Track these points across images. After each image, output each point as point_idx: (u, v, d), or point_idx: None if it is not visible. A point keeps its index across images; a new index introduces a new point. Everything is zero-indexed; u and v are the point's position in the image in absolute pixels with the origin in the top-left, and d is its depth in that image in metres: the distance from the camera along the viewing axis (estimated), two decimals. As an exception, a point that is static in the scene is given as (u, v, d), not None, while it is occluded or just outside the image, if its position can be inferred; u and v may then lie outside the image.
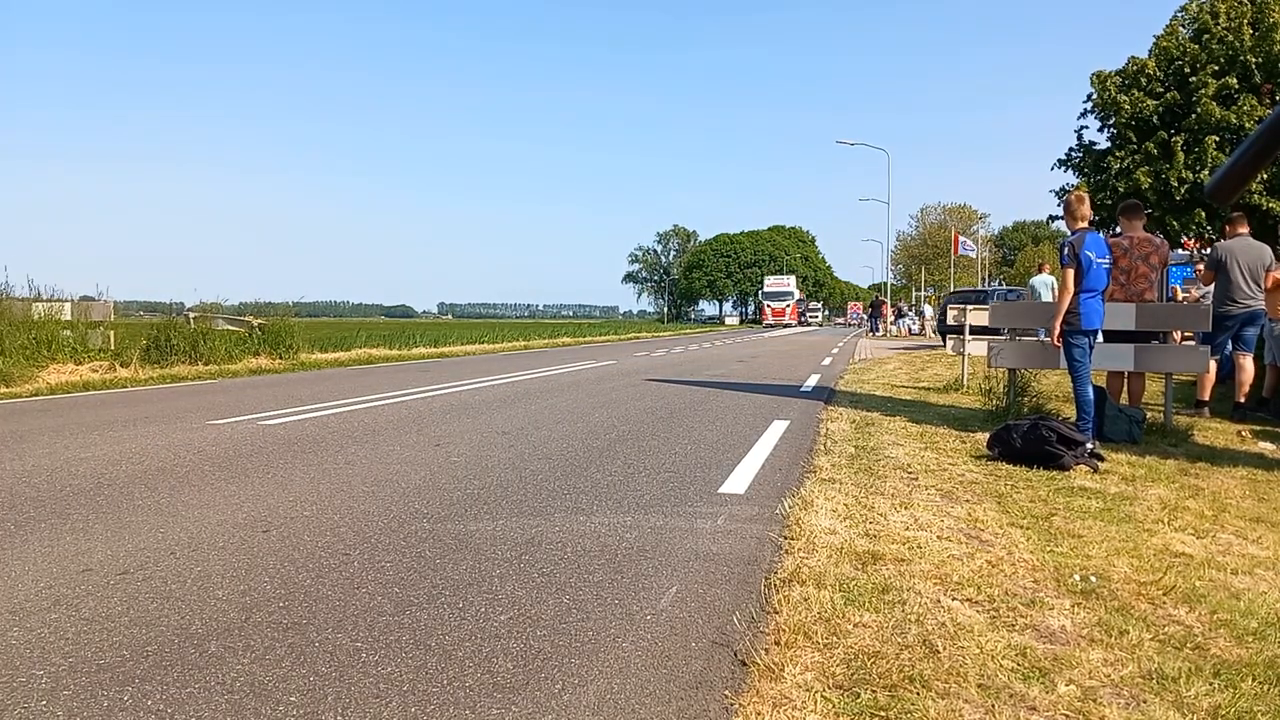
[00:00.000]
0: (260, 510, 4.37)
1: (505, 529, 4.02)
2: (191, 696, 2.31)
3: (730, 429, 7.33)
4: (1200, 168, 22.00)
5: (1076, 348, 6.47)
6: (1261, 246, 8.55)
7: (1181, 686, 2.41)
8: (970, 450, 6.27)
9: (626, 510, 4.40)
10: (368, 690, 2.35)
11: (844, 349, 24.61)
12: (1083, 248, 6.36)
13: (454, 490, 4.86)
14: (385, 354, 20.22)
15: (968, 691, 2.36)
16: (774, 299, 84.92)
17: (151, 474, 5.29)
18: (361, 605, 3.00)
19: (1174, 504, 4.69)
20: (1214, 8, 23.12)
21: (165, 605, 2.99)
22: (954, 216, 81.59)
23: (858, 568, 3.41)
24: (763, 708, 2.26)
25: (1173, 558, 3.67)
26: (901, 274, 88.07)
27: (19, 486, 4.93)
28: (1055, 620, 2.91)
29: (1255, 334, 8.51)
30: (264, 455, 5.96)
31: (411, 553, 3.62)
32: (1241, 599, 3.17)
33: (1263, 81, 22.20)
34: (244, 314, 18.00)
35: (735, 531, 4.01)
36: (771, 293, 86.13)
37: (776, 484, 5.06)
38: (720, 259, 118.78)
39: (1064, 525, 4.16)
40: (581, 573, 3.37)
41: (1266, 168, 3.91)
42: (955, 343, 14.43)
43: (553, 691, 2.34)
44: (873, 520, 4.17)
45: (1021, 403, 7.86)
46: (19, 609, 2.95)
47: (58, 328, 13.52)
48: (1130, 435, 6.74)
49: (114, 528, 4.02)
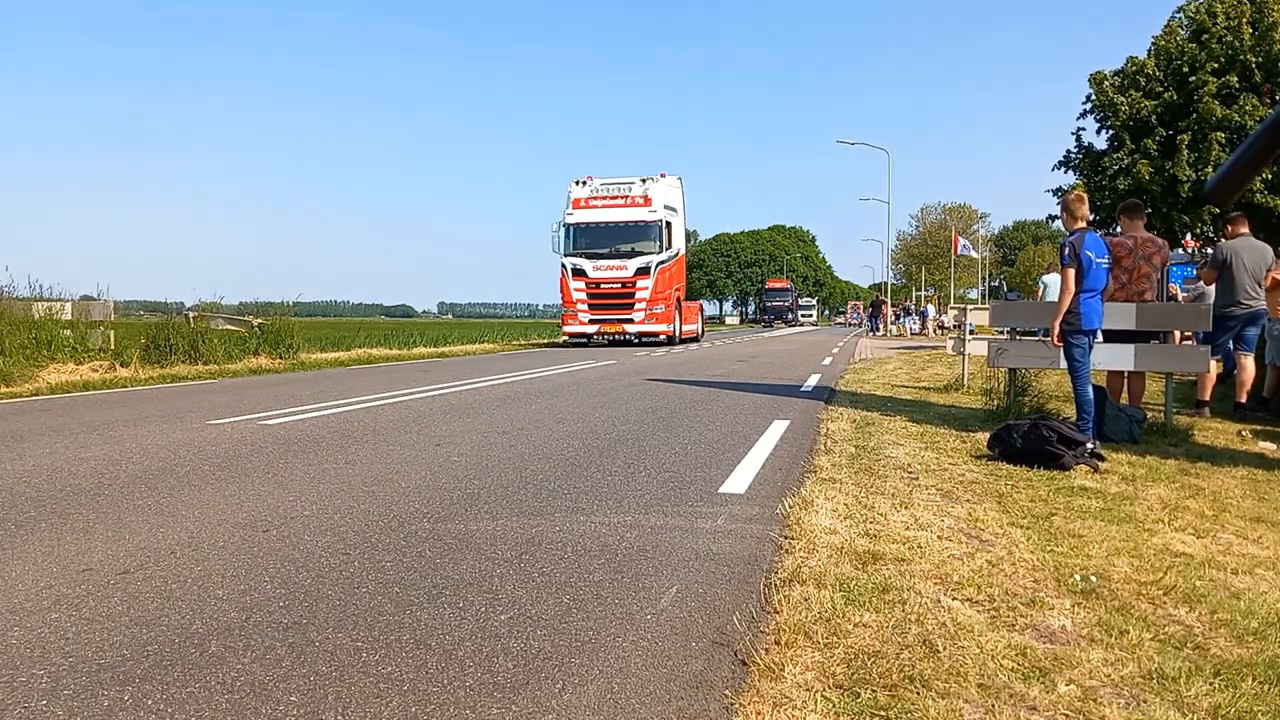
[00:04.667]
0: (260, 510, 4.37)
1: (505, 529, 4.02)
2: (192, 696, 2.31)
3: (730, 429, 7.33)
4: (1204, 165, 21.98)
5: (1076, 348, 6.47)
6: (1263, 246, 8.56)
7: (1182, 686, 2.41)
8: (970, 450, 6.27)
9: (627, 510, 4.40)
10: (368, 690, 2.35)
11: (844, 349, 24.61)
12: (1083, 247, 6.36)
13: (454, 490, 4.86)
14: (385, 354, 20.22)
15: (968, 691, 2.36)
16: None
17: (151, 474, 5.29)
18: (361, 605, 2.99)
19: (1174, 504, 4.68)
20: (1212, 8, 23.11)
21: (165, 605, 2.99)
22: (954, 216, 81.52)
23: (858, 567, 3.41)
24: (763, 707, 2.26)
25: (1173, 557, 3.67)
26: (902, 274, 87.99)
27: (19, 486, 4.93)
28: (1055, 620, 2.91)
29: (1256, 334, 8.52)
30: (264, 455, 5.96)
31: (412, 552, 3.62)
32: (1242, 599, 3.17)
33: (1263, 81, 22.18)
34: (244, 314, 18.00)
35: (735, 531, 4.01)
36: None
37: (777, 484, 5.06)
38: (720, 259, 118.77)
39: (1064, 525, 4.16)
40: (582, 572, 3.37)
41: (1267, 167, 3.94)
42: (955, 342, 14.43)
43: (553, 691, 2.34)
44: (873, 520, 4.17)
45: (1022, 403, 7.86)
46: (19, 609, 2.95)
47: (58, 327, 13.51)
48: (1130, 435, 6.74)
49: (114, 527, 4.02)
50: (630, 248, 24.60)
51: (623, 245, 24.66)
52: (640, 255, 24.38)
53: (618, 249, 24.67)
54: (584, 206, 25.09)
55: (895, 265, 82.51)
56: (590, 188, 25.15)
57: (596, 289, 24.67)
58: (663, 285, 24.70)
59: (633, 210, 24.79)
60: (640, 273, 24.30)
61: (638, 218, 24.65)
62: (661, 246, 24.55)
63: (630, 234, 24.73)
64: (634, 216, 24.71)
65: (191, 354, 14.64)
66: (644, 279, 24.34)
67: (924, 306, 51.96)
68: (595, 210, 24.95)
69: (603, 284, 24.60)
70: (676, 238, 25.94)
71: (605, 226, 24.77)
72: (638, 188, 24.89)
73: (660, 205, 24.74)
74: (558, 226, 24.88)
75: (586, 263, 24.61)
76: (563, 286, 25.10)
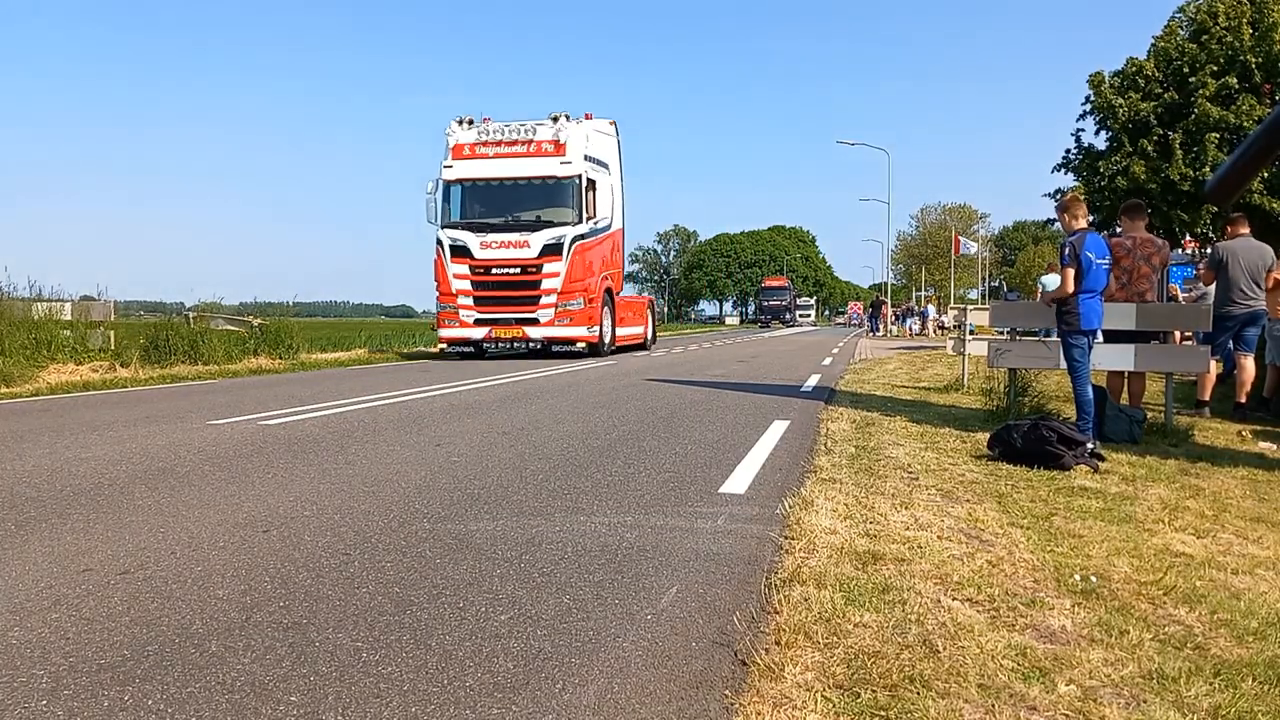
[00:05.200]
0: (260, 510, 4.37)
1: (506, 529, 4.02)
2: (192, 696, 2.31)
3: (731, 429, 7.33)
4: (1201, 165, 22.01)
5: (1076, 348, 6.47)
6: (1262, 247, 8.56)
7: (1182, 686, 2.41)
8: (971, 450, 6.27)
9: (627, 510, 4.40)
10: (368, 690, 2.35)
11: (844, 349, 24.62)
12: (1083, 248, 6.37)
13: (454, 490, 4.86)
14: (385, 353, 20.23)
15: (968, 691, 2.36)
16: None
17: (152, 474, 5.29)
18: (362, 605, 3.00)
19: (1174, 504, 4.69)
20: (1212, 8, 23.13)
21: (166, 605, 2.99)
22: (954, 216, 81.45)
23: (858, 568, 3.41)
24: (763, 707, 2.26)
25: (1173, 558, 3.67)
26: (902, 274, 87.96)
27: (19, 486, 4.93)
28: (1055, 620, 2.91)
29: (1256, 334, 8.52)
30: (264, 455, 5.96)
31: (412, 552, 3.62)
32: (1242, 599, 3.17)
33: (1263, 81, 22.20)
34: (244, 314, 18.01)
35: (736, 531, 4.01)
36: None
37: (777, 484, 5.06)
38: (720, 259, 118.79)
39: (1064, 525, 4.17)
40: (582, 572, 3.36)
41: (1267, 167, 3.94)
42: (955, 342, 14.43)
43: (553, 691, 2.34)
44: (873, 520, 4.17)
45: (1022, 403, 7.87)
46: (19, 609, 2.95)
47: (58, 328, 13.52)
48: (1130, 435, 6.74)
49: (114, 527, 4.02)
50: (535, 215, 17.45)
51: (524, 213, 17.52)
52: (549, 227, 17.12)
53: (516, 218, 17.50)
54: (469, 156, 17.58)
55: (895, 265, 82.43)
56: (479, 130, 17.75)
57: (485, 275, 17.20)
58: (581, 270, 17.35)
59: (539, 162, 17.34)
60: (549, 252, 16.99)
61: (545, 171, 17.29)
62: (581, 215, 17.32)
63: (534, 195, 17.48)
64: (540, 170, 17.32)
65: (191, 354, 14.65)
66: (553, 261, 16.99)
67: (924, 307, 51.96)
68: (485, 162, 17.53)
69: (494, 268, 17.14)
70: (605, 204, 18.55)
71: (499, 185, 17.50)
72: (546, 130, 17.50)
73: (578, 156, 17.32)
74: (434, 186, 17.64)
75: (472, 238, 17.19)
76: (438, 272, 17.59)
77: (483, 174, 17.58)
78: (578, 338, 17.64)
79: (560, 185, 17.33)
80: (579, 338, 17.65)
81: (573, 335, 17.53)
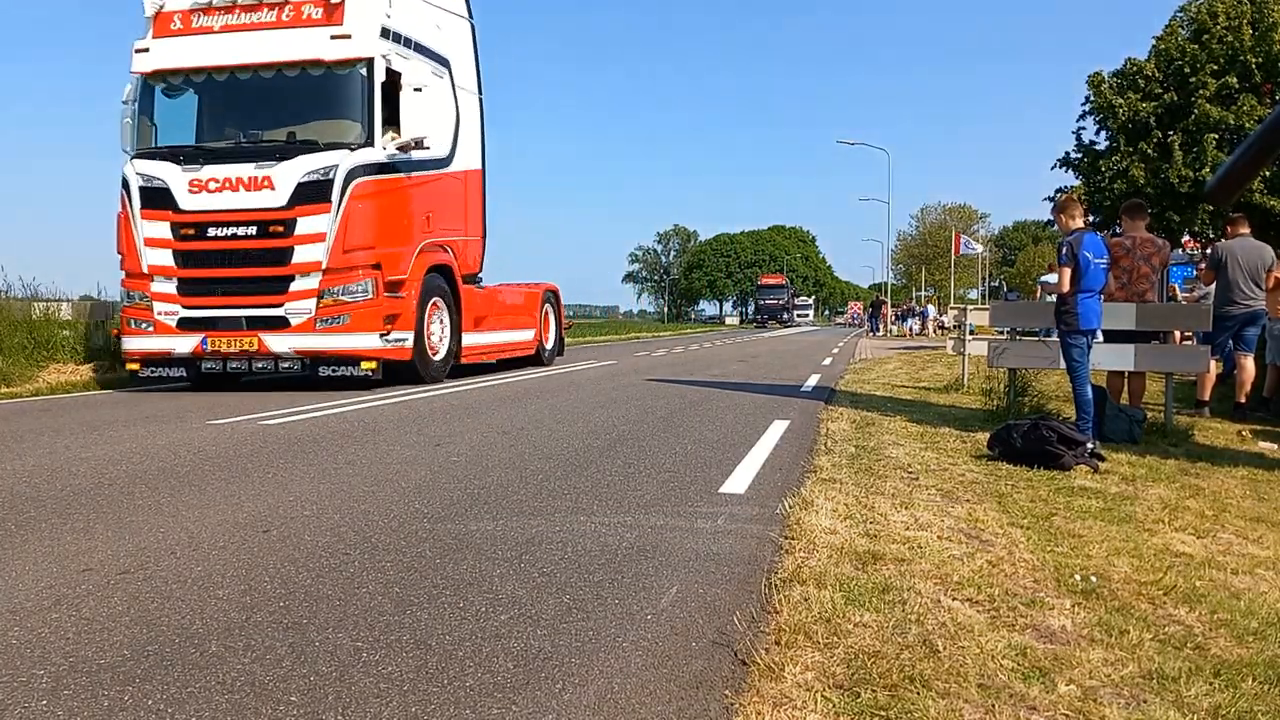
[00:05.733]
0: (260, 510, 4.37)
1: (505, 529, 4.02)
2: (192, 696, 2.31)
3: (730, 429, 7.34)
4: (1200, 166, 22.02)
5: (1075, 348, 6.48)
6: (1262, 246, 8.57)
7: (1182, 686, 2.41)
8: (971, 450, 6.27)
9: (627, 510, 4.40)
10: (368, 690, 2.35)
11: (844, 349, 24.62)
12: (1081, 248, 6.37)
13: (454, 490, 4.86)
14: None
15: (968, 691, 2.36)
16: None
17: (151, 474, 5.29)
18: (362, 605, 3.00)
19: (1174, 504, 4.69)
20: (1213, 8, 23.14)
21: (166, 605, 2.99)
22: (954, 216, 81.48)
23: (858, 567, 3.41)
24: (763, 707, 2.26)
25: (1173, 557, 3.68)
26: (902, 274, 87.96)
27: (19, 486, 4.93)
28: (1055, 620, 2.91)
29: (1256, 334, 8.53)
30: (264, 455, 5.96)
31: (412, 552, 3.62)
32: (1242, 599, 3.17)
33: (1263, 81, 22.21)
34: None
35: (736, 531, 4.01)
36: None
37: (777, 484, 5.06)
38: (720, 259, 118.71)
39: (1064, 525, 4.17)
40: (581, 573, 3.37)
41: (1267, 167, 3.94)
42: (955, 342, 14.44)
43: (553, 691, 2.34)
44: (873, 520, 4.17)
45: (1022, 403, 7.87)
46: (19, 609, 2.95)
47: (58, 328, 13.51)
48: (1130, 435, 6.75)
49: (114, 527, 4.02)
50: (287, 133, 10.50)
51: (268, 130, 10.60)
52: (308, 151, 10.03)
53: (254, 138, 10.58)
54: (179, 31, 10.44)
55: (895, 265, 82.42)
56: None
57: (197, 239, 10.19)
58: (372, 229, 10.19)
59: (295, 36, 10.15)
60: (306, 197, 9.91)
61: (305, 53, 10.09)
62: (372, 131, 10.16)
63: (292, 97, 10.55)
64: (296, 50, 10.12)
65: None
66: (316, 212, 9.93)
67: (924, 307, 51.97)
68: (205, 39, 10.37)
69: (211, 225, 10.11)
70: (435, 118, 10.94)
71: (227, 79, 10.47)
72: None
73: (369, 28, 10.12)
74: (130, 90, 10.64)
75: (177, 174, 10.15)
76: (122, 236, 10.53)
77: (200, 61, 10.34)
78: (361, 351, 10.15)
79: (332, 77, 10.10)
80: (363, 351, 10.16)
81: (351, 348, 10.13)
